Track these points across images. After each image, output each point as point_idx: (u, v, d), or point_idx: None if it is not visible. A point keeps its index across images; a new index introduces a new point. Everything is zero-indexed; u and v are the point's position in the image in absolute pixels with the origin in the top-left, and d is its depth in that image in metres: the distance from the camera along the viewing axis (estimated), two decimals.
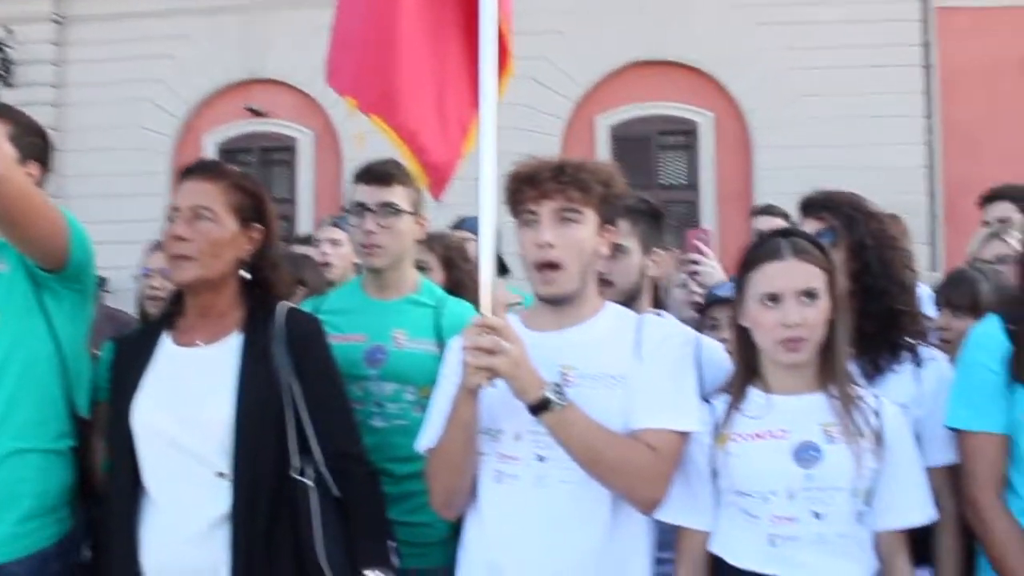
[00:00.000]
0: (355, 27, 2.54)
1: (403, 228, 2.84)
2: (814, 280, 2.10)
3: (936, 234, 11.50)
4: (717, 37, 11.66)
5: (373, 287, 2.91)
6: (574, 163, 2.14)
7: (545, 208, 2.12)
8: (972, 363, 2.29)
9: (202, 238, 2.27)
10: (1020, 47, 11.57)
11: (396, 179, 2.83)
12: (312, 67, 12.21)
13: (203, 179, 2.34)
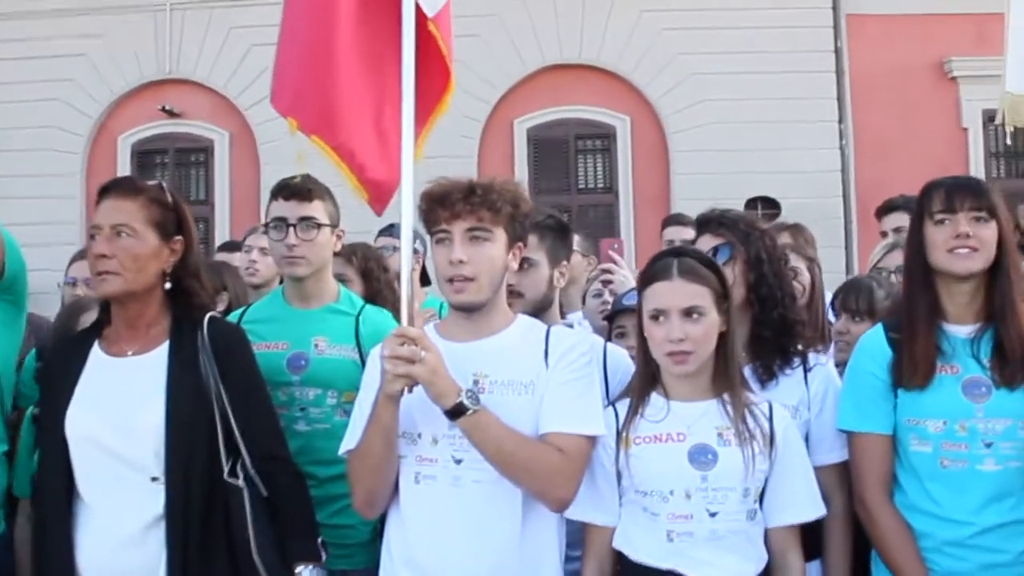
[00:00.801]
0: (295, 50, 2.66)
1: (322, 241, 2.99)
2: (699, 298, 2.27)
3: (851, 237, 11.71)
4: (633, 41, 11.73)
5: (294, 296, 3.06)
6: (483, 184, 2.28)
7: (457, 227, 2.25)
8: (859, 369, 2.49)
9: (124, 254, 2.36)
10: (930, 53, 11.88)
11: (315, 194, 2.99)
12: (228, 67, 12.12)
13: (121, 197, 2.43)
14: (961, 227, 2.37)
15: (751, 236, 2.65)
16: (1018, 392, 2.35)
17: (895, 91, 11.80)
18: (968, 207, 2.39)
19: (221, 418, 2.37)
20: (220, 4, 12.00)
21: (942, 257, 2.40)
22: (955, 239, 2.38)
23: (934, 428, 2.40)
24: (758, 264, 2.61)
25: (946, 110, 11.97)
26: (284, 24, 2.72)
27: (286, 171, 10.72)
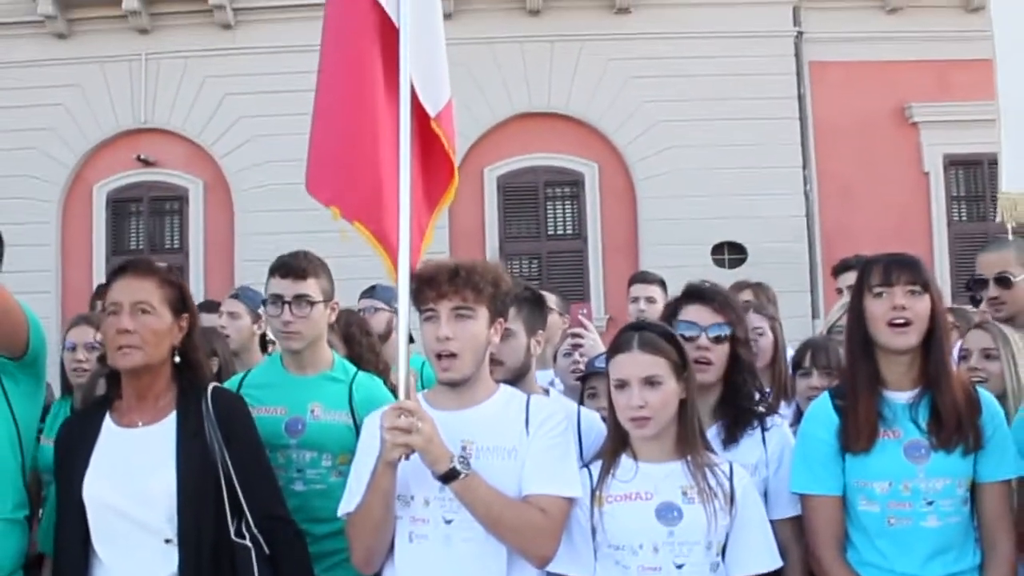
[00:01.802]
0: (331, 139, 2.84)
1: (316, 316, 3.20)
2: (657, 369, 2.48)
3: (816, 281, 11.84)
4: (600, 90, 11.93)
5: (292, 365, 3.27)
6: (467, 267, 2.50)
7: (443, 307, 2.47)
8: (809, 435, 2.67)
9: (145, 329, 2.55)
10: (891, 99, 12.13)
11: (310, 272, 3.21)
12: (203, 116, 12.24)
13: (139, 276, 2.62)
14: (897, 300, 2.55)
15: (742, 318, 2.90)
16: (954, 453, 2.53)
17: (858, 137, 12.03)
18: (904, 281, 2.57)
19: (226, 481, 2.54)
20: (195, 54, 12.13)
21: (881, 330, 2.58)
22: (892, 311, 2.55)
23: (880, 489, 2.57)
24: (745, 344, 2.85)
25: (908, 155, 12.19)
26: (316, 113, 2.89)
27: (260, 219, 10.93)
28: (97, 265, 12.18)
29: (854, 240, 11.80)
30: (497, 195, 11.99)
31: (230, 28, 12.11)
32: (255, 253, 11.62)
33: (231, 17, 12.03)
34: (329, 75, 2.92)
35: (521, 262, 12.10)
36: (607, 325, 11.41)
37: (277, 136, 11.72)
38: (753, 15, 11.94)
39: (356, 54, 2.85)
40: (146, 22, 12.08)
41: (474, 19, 11.65)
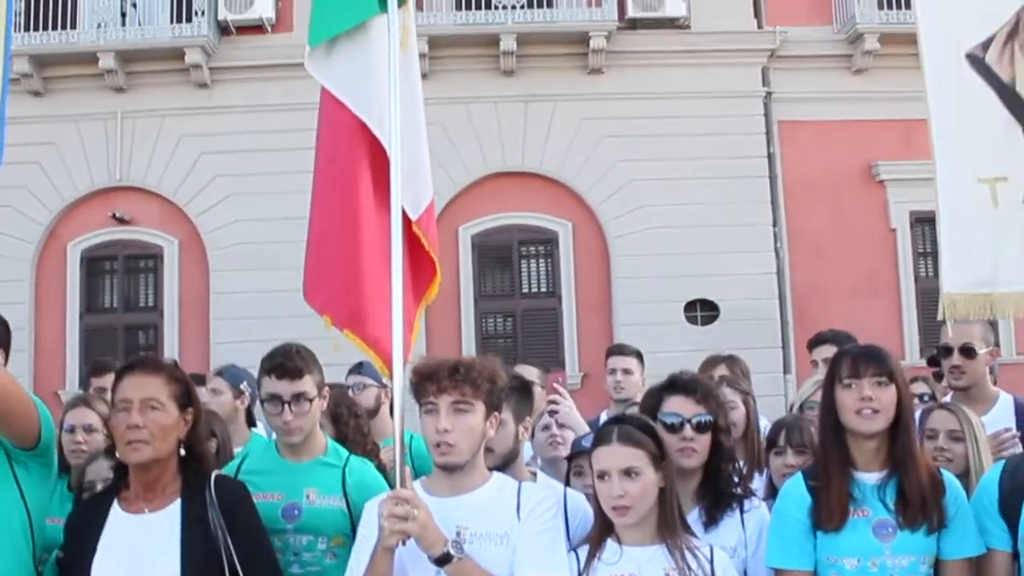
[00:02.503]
0: (323, 248, 3.00)
1: (313, 410, 3.32)
2: (636, 460, 2.60)
3: (787, 337, 11.99)
4: (574, 149, 12.12)
5: (287, 451, 3.36)
6: (466, 363, 2.63)
7: (443, 400, 2.59)
8: (783, 513, 2.80)
9: (154, 425, 2.65)
10: (858, 158, 12.38)
11: (305, 370, 3.30)
12: (179, 175, 12.29)
13: (147, 373, 2.73)
14: (865, 391, 2.70)
15: (723, 407, 3.02)
16: (919, 532, 2.67)
17: (826, 194, 12.27)
18: (871, 373, 2.72)
19: (229, 566, 2.63)
20: (171, 112, 12.21)
21: (851, 418, 2.73)
22: (860, 401, 2.70)
23: (850, 565, 2.69)
24: (726, 432, 2.96)
25: (875, 212, 12.43)
26: (312, 223, 3.04)
27: (235, 279, 10.89)
28: (71, 323, 12.16)
29: (824, 296, 12.00)
30: (472, 253, 12.09)
31: (206, 87, 12.22)
32: (230, 312, 11.65)
33: (207, 76, 12.14)
34: (321, 187, 3.06)
35: (495, 320, 12.20)
36: (581, 383, 11.49)
37: (253, 195, 11.82)
38: (723, 76, 12.20)
39: (344, 167, 3.00)
40: (122, 81, 12.16)
41: (449, 79, 11.81)
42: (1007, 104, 2.71)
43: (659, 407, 2.96)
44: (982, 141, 2.73)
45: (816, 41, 12.59)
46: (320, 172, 3.09)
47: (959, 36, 2.80)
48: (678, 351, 10.58)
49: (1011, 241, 2.68)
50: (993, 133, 2.71)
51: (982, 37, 2.76)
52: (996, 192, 2.70)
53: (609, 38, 12.00)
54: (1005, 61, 2.72)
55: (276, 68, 12.00)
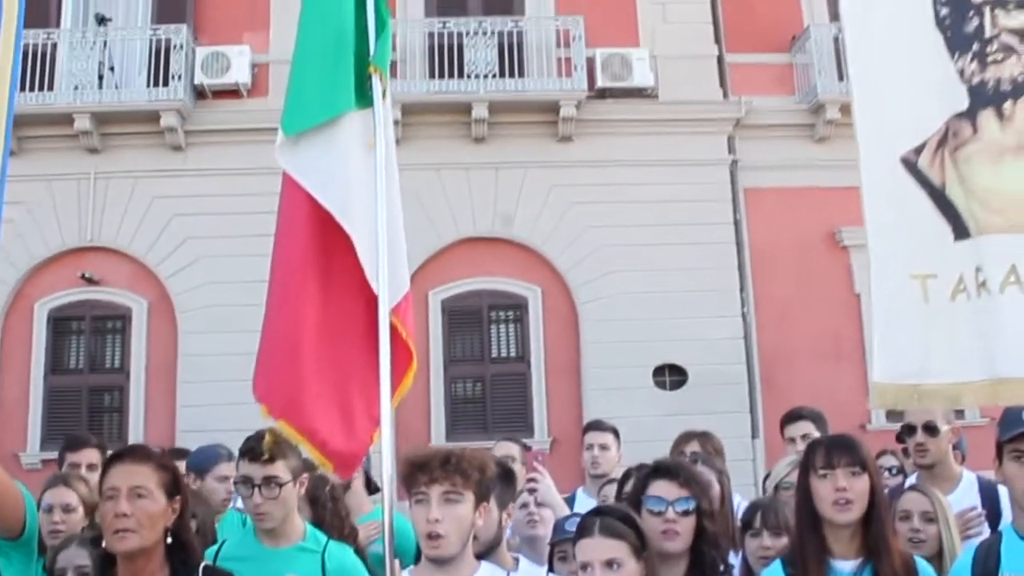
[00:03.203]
0: (270, 342, 3.03)
1: (285, 496, 3.31)
2: (617, 551, 2.65)
3: (755, 402, 12.08)
4: (542, 215, 12.27)
5: (265, 537, 3.37)
6: (456, 454, 2.70)
7: (434, 491, 2.65)
8: None
9: (141, 513, 2.64)
10: (823, 224, 12.56)
11: (277, 455, 3.29)
12: (150, 236, 12.31)
13: (136, 462, 2.72)
14: (839, 482, 2.83)
15: (708, 491, 3.09)
16: None
17: (792, 260, 12.45)
18: (844, 464, 2.86)
19: None
20: (144, 174, 12.26)
21: (826, 508, 2.86)
22: (835, 492, 2.83)
23: None
24: (710, 516, 3.02)
25: (840, 277, 12.59)
26: (265, 318, 3.06)
27: (204, 341, 10.87)
28: (35, 383, 12.03)
29: (791, 361, 12.13)
30: (441, 318, 12.13)
31: (181, 150, 12.30)
32: (198, 375, 11.60)
33: (182, 139, 12.23)
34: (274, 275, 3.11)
35: (465, 384, 12.20)
36: (550, 447, 11.50)
37: (224, 257, 11.84)
38: (690, 144, 12.45)
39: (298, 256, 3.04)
40: (96, 142, 12.22)
41: (421, 145, 11.97)
42: (938, 206, 2.81)
43: (644, 491, 3.03)
44: (914, 240, 2.83)
45: (779, 111, 12.88)
46: (274, 259, 3.12)
47: (894, 140, 2.91)
48: (647, 416, 10.66)
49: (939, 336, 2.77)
50: (925, 233, 2.81)
51: (916, 143, 2.87)
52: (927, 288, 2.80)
53: (579, 107, 12.23)
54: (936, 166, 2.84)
55: (250, 132, 12.09)
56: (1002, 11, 2.80)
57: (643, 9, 12.94)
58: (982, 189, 2.75)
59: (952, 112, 2.82)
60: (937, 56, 2.87)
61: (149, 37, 12.32)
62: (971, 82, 2.81)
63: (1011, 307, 2.62)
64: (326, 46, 3.14)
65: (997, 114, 2.76)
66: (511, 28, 12.37)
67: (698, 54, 12.88)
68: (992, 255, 2.68)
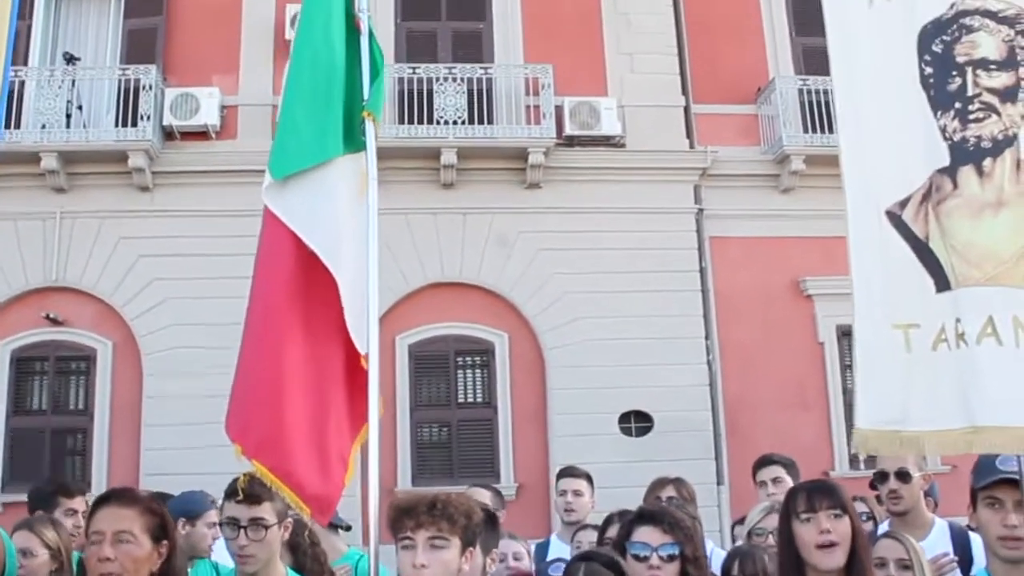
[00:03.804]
0: (246, 381, 3.01)
1: (270, 538, 3.27)
2: None
3: (720, 449, 12.14)
4: (511, 261, 12.32)
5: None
6: (443, 499, 2.71)
7: (420, 536, 2.66)
8: None
9: (125, 557, 2.63)
10: (787, 273, 12.75)
11: (264, 497, 3.26)
12: (115, 277, 12.24)
13: (121, 505, 2.73)
14: (822, 524, 2.88)
15: (692, 536, 3.10)
16: None
17: (757, 308, 12.59)
18: (826, 507, 2.91)
19: None
20: (111, 215, 12.19)
21: (811, 553, 2.90)
22: (819, 535, 2.88)
23: None
24: (694, 561, 3.05)
25: (803, 326, 12.75)
26: (240, 357, 3.04)
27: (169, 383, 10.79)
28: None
29: (755, 408, 12.23)
30: (408, 363, 12.10)
31: (148, 190, 12.25)
32: (163, 418, 11.50)
33: (150, 180, 12.18)
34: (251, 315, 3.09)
35: (431, 429, 12.17)
36: (516, 493, 11.50)
37: (191, 299, 11.79)
38: (657, 192, 12.59)
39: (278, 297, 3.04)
40: (63, 181, 12.14)
41: (389, 190, 11.85)
42: (921, 259, 2.91)
43: (628, 537, 3.08)
44: (898, 290, 2.93)
45: (745, 161, 13.07)
46: (253, 298, 3.11)
47: (880, 194, 3.01)
48: (613, 462, 10.69)
49: (921, 384, 2.84)
50: (908, 284, 2.90)
51: (900, 196, 2.97)
52: (909, 338, 2.87)
53: (547, 154, 12.35)
54: (920, 220, 2.93)
55: (219, 174, 12.15)
56: (983, 72, 2.90)
57: (611, 59, 13.13)
58: (962, 243, 2.83)
59: (935, 168, 2.92)
60: (921, 113, 2.97)
61: (118, 77, 12.29)
62: (953, 139, 2.92)
63: (987, 358, 2.70)
64: (316, 89, 3.15)
65: (977, 171, 2.86)
66: (480, 75, 12.49)
67: (665, 104, 13.06)
68: (970, 307, 2.76)
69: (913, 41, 3.00)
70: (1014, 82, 2.88)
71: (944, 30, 2.96)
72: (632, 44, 13.15)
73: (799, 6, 13.68)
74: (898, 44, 3.03)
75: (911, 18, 3.02)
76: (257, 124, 12.54)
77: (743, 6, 13.63)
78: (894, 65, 3.04)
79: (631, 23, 13.23)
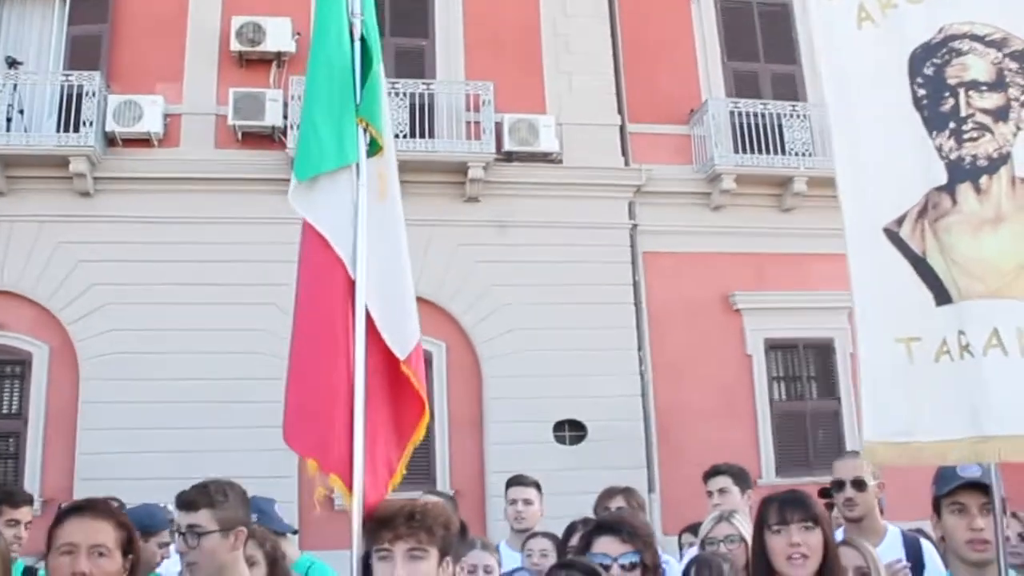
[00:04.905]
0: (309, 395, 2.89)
1: (209, 547, 3.22)
2: None
3: (651, 457, 12.45)
4: (449, 273, 12.49)
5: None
6: (421, 509, 2.65)
7: (398, 547, 2.59)
8: None
9: (100, 572, 2.59)
10: (717, 287, 13.16)
11: (201, 504, 3.24)
12: (54, 281, 12.20)
13: (96, 518, 2.69)
14: (793, 537, 2.99)
15: (651, 544, 3.11)
16: None
17: (687, 321, 12.96)
18: (797, 519, 3.01)
19: None
20: (50, 219, 12.13)
21: (782, 563, 3.00)
22: (790, 547, 2.98)
23: None
24: (654, 570, 3.08)
25: (732, 338, 13.16)
26: (293, 365, 2.95)
27: (106, 388, 10.80)
28: None
29: (685, 418, 12.58)
30: None
31: (89, 196, 12.21)
32: (99, 422, 11.48)
33: (91, 185, 12.17)
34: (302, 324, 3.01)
35: None
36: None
37: (129, 305, 11.81)
38: (592, 208, 12.91)
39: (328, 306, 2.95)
40: (2, 185, 12.05)
41: None
42: (919, 273, 2.96)
43: (589, 548, 3.09)
44: (898, 305, 2.97)
45: (678, 179, 13.45)
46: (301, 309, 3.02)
47: (877, 212, 3.06)
48: (547, 470, 10.79)
49: (925, 396, 2.88)
50: (908, 298, 2.95)
51: (897, 214, 3.03)
52: (911, 351, 2.92)
53: (486, 169, 12.59)
54: (917, 236, 2.98)
55: (160, 181, 12.21)
56: (975, 93, 2.96)
57: (550, 78, 13.46)
58: (963, 258, 2.88)
59: (931, 186, 2.98)
60: (916, 134, 3.01)
61: (61, 83, 12.28)
62: (949, 158, 2.97)
63: (993, 368, 2.74)
64: (332, 92, 3.12)
65: (975, 188, 2.91)
66: (423, 90, 12.71)
67: (601, 123, 13.40)
68: (975, 319, 2.81)
69: (905, 63, 3.06)
70: (1005, 102, 2.94)
71: (934, 53, 3.01)
72: (570, 64, 13.51)
73: (731, 32, 14.23)
74: (890, 66, 3.09)
75: (901, 41, 3.08)
76: (200, 133, 12.64)
77: (677, 31, 14.09)
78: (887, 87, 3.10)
79: (569, 44, 13.61)
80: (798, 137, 13.32)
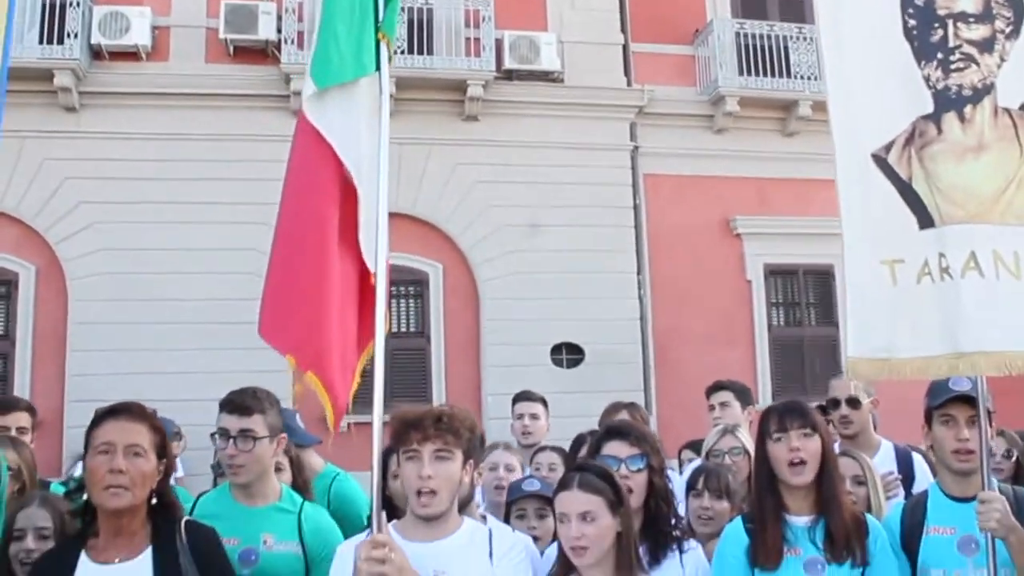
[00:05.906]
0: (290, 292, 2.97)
1: (259, 451, 3.35)
2: (593, 505, 2.79)
3: (648, 381, 12.41)
4: (446, 192, 12.31)
5: (241, 495, 3.41)
6: (448, 413, 2.82)
7: (426, 448, 2.74)
8: (724, 553, 3.15)
9: (136, 471, 2.69)
10: (717, 211, 13.02)
11: (255, 409, 3.37)
12: (39, 200, 11.90)
13: (132, 420, 2.78)
14: (793, 443, 3.08)
15: (657, 449, 3.22)
16: (845, 566, 3.02)
17: (688, 245, 12.83)
18: (797, 426, 3.10)
19: None
20: (34, 135, 11.77)
21: (783, 470, 3.10)
22: (790, 452, 3.07)
23: None
24: (659, 472, 3.18)
25: (732, 264, 13.07)
26: (274, 260, 3.03)
27: (94, 308, 10.60)
28: None
29: (684, 342, 12.50)
30: None
31: (75, 111, 11.88)
32: (89, 343, 11.30)
33: (76, 100, 11.82)
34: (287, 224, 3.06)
35: None
36: None
37: (118, 223, 11.55)
38: (593, 129, 12.67)
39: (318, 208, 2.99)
40: None
41: None
42: (904, 198, 3.12)
43: (599, 452, 3.21)
44: (884, 228, 3.14)
45: (681, 101, 13.21)
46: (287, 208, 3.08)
47: (866, 138, 3.21)
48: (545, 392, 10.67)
49: (907, 315, 3.06)
50: (893, 222, 3.12)
51: (885, 140, 3.17)
52: (895, 272, 3.10)
53: (486, 87, 12.31)
54: (903, 162, 3.14)
55: (149, 96, 11.86)
56: (963, 24, 3.10)
57: None
58: (946, 184, 3.05)
59: (919, 114, 3.13)
60: (905, 63, 3.18)
61: None
62: (936, 87, 3.12)
63: (970, 289, 2.93)
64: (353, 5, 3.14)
65: (959, 117, 3.08)
66: (421, 5, 12.35)
67: (604, 41, 13.08)
68: (954, 243, 2.99)
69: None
70: (990, 34, 3.09)
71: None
72: None
73: None
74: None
75: None
76: (190, 46, 12.26)
77: None
78: (879, 16, 3.22)
79: None
80: (804, 60, 13.05)
